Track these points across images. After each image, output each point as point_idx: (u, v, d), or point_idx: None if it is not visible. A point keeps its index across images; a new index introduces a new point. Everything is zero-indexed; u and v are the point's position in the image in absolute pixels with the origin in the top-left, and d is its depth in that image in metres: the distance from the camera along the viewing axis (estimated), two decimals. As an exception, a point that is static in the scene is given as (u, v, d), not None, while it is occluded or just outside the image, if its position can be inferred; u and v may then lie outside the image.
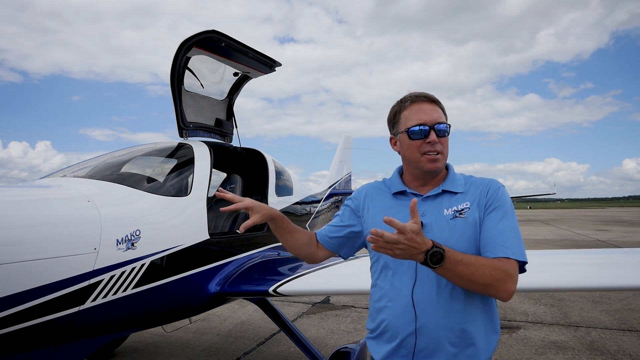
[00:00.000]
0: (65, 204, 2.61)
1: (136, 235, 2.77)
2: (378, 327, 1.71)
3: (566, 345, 5.20)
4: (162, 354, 5.17)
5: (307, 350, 3.96)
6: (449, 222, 1.63)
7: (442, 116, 1.71)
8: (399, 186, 1.78)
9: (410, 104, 1.72)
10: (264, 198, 4.77)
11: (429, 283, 1.59)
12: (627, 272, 3.19)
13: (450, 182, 1.73)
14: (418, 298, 1.59)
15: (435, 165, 1.67)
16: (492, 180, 1.73)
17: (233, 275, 3.69)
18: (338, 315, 6.78)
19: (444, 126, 1.67)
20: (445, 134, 1.68)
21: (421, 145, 1.66)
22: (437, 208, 1.67)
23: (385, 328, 1.67)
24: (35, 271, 2.25)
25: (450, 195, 1.69)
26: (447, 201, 1.68)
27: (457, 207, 1.65)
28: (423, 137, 1.65)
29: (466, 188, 1.70)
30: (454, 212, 1.64)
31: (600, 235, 20.60)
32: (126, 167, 3.68)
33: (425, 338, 1.58)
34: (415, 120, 1.67)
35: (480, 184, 1.71)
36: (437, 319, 1.57)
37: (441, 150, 1.67)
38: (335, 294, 7.51)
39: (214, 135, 4.75)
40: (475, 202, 1.65)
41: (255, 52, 4.28)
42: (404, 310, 1.61)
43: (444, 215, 1.64)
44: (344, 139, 10.89)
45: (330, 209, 8.10)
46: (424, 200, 1.69)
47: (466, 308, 1.59)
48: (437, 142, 1.65)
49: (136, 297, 2.82)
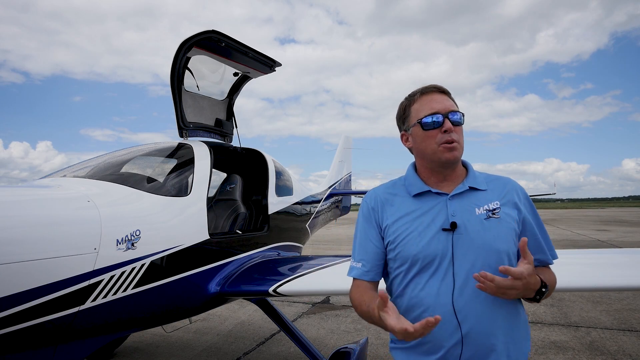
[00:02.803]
0: (66, 204, 2.61)
1: (136, 235, 2.77)
2: None
3: (566, 345, 5.20)
4: (162, 354, 5.17)
5: (307, 350, 3.96)
6: (483, 223, 1.54)
7: (455, 105, 1.63)
8: (420, 186, 1.65)
9: (420, 96, 1.65)
10: (264, 198, 4.77)
11: (469, 288, 1.48)
12: (627, 272, 3.19)
13: (473, 178, 1.65)
14: (460, 304, 1.48)
15: (453, 155, 1.57)
16: (509, 179, 1.68)
17: (233, 275, 3.69)
18: (338, 315, 6.78)
19: (458, 115, 1.60)
20: (460, 123, 1.60)
21: (436, 135, 1.57)
22: (467, 207, 1.57)
23: (424, 340, 1.51)
24: (35, 271, 2.25)
25: (477, 192, 1.61)
26: (475, 199, 1.59)
27: (488, 206, 1.57)
28: (437, 126, 1.57)
29: (488, 185, 1.64)
30: (487, 211, 1.56)
31: (600, 235, 20.59)
32: (126, 167, 3.68)
33: (471, 346, 1.48)
34: (428, 110, 1.60)
35: (500, 182, 1.66)
36: (482, 325, 1.48)
37: (457, 139, 1.58)
38: (335, 294, 7.49)
39: (214, 135, 4.75)
40: (505, 201, 1.59)
41: (255, 52, 4.28)
42: (446, 319, 1.48)
43: (477, 214, 1.55)
44: (344, 139, 10.88)
45: (330, 209, 8.09)
46: (451, 199, 1.59)
47: (509, 311, 1.53)
48: (452, 130, 1.56)
49: (136, 297, 2.81)
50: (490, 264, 1.49)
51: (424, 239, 1.54)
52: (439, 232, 1.54)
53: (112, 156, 3.91)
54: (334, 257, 3.93)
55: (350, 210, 10.03)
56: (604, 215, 47.50)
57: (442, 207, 1.58)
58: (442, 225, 1.54)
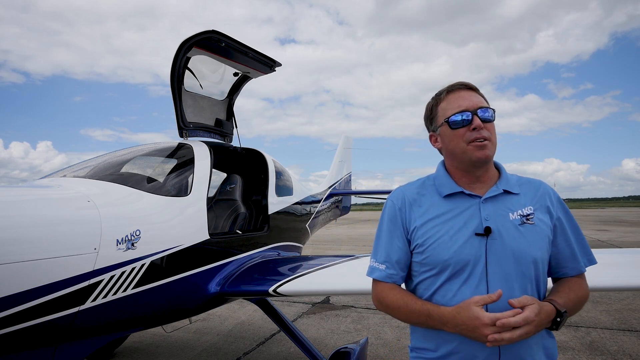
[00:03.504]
0: (66, 204, 2.61)
1: (136, 235, 2.77)
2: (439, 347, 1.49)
3: (566, 345, 5.20)
4: (162, 354, 5.17)
5: (307, 350, 3.96)
6: (518, 229, 1.47)
7: (484, 101, 1.55)
8: (452, 186, 1.56)
9: (447, 95, 1.58)
10: (264, 198, 4.77)
11: (504, 296, 1.38)
12: (627, 272, 3.19)
13: (507, 181, 1.56)
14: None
15: (484, 153, 1.48)
16: (541, 182, 1.60)
17: (233, 275, 3.69)
18: (338, 315, 6.78)
19: (489, 112, 1.52)
20: (491, 120, 1.52)
21: (465, 133, 1.49)
22: (501, 211, 1.50)
23: (454, 349, 1.45)
24: (35, 271, 2.25)
25: (510, 196, 1.53)
26: (509, 203, 1.52)
27: (522, 211, 1.50)
28: (466, 124, 1.49)
29: (520, 189, 1.56)
30: (521, 216, 1.49)
31: (600, 235, 20.59)
32: (126, 167, 3.68)
33: (508, 357, 1.41)
34: (455, 108, 1.52)
35: (532, 186, 1.58)
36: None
37: (488, 137, 1.49)
38: (335, 294, 7.50)
39: (214, 135, 4.75)
40: (538, 206, 1.52)
41: (255, 52, 4.28)
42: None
43: (511, 220, 1.48)
44: (344, 139, 10.88)
45: (330, 209, 8.10)
46: (484, 202, 1.51)
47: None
48: (482, 127, 1.48)
49: (136, 297, 2.81)
50: (525, 272, 1.45)
51: (456, 243, 1.47)
52: (472, 237, 1.46)
53: (112, 156, 3.91)
54: (334, 257, 3.93)
55: (351, 210, 10.03)
56: (603, 215, 47.51)
57: (475, 210, 1.51)
58: (475, 230, 1.47)
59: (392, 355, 4.94)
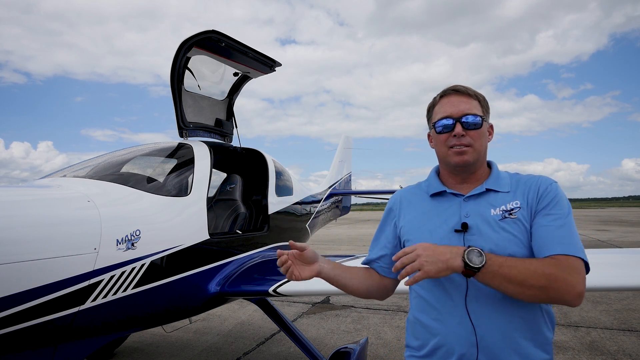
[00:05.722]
0: (65, 204, 2.61)
1: (136, 235, 2.77)
2: (425, 344, 1.54)
3: (566, 345, 5.20)
4: (162, 354, 5.17)
5: (307, 350, 3.96)
6: (498, 224, 1.48)
7: (474, 108, 1.57)
8: (437, 186, 1.64)
9: (440, 99, 1.63)
10: (264, 198, 4.77)
11: (483, 290, 1.42)
12: (627, 272, 3.19)
13: (494, 180, 1.59)
14: (473, 306, 1.44)
15: (461, 158, 1.54)
16: (542, 176, 1.57)
17: (233, 275, 3.69)
18: (338, 315, 6.78)
19: (475, 118, 1.55)
20: (476, 127, 1.54)
21: (447, 138, 1.56)
22: (482, 208, 1.52)
23: (436, 344, 1.49)
24: (35, 271, 2.25)
25: (496, 194, 1.55)
26: (492, 200, 1.53)
27: (506, 206, 1.50)
28: (448, 130, 1.56)
29: (513, 187, 1.56)
30: (503, 211, 1.49)
31: (600, 235, 20.60)
32: (126, 167, 3.68)
33: (487, 351, 1.42)
34: (442, 113, 1.59)
35: (528, 182, 1.56)
36: (499, 328, 1.42)
37: (470, 144, 1.53)
38: (335, 294, 7.49)
39: (214, 135, 4.75)
40: (526, 201, 1.51)
41: (255, 52, 4.28)
42: (459, 323, 1.45)
43: (492, 215, 1.50)
44: (344, 139, 10.88)
45: (330, 209, 8.09)
46: (466, 200, 1.56)
47: (528, 313, 1.45)
48: (463, 134, 1.53)
49: (136, 297, 2.82)
50: None
51: (434, 238, 1.50)
52: (451, 233, 1.51)
53: (112, 156, 3.91)
54: (334, 257, 3.92)
55: (351, 210, 10.03)
56: (603, 215, 47.50)
57: (456, 208, 1.56)
58: (454, 227, 1.52)
59: (392, 355, 4.94)
